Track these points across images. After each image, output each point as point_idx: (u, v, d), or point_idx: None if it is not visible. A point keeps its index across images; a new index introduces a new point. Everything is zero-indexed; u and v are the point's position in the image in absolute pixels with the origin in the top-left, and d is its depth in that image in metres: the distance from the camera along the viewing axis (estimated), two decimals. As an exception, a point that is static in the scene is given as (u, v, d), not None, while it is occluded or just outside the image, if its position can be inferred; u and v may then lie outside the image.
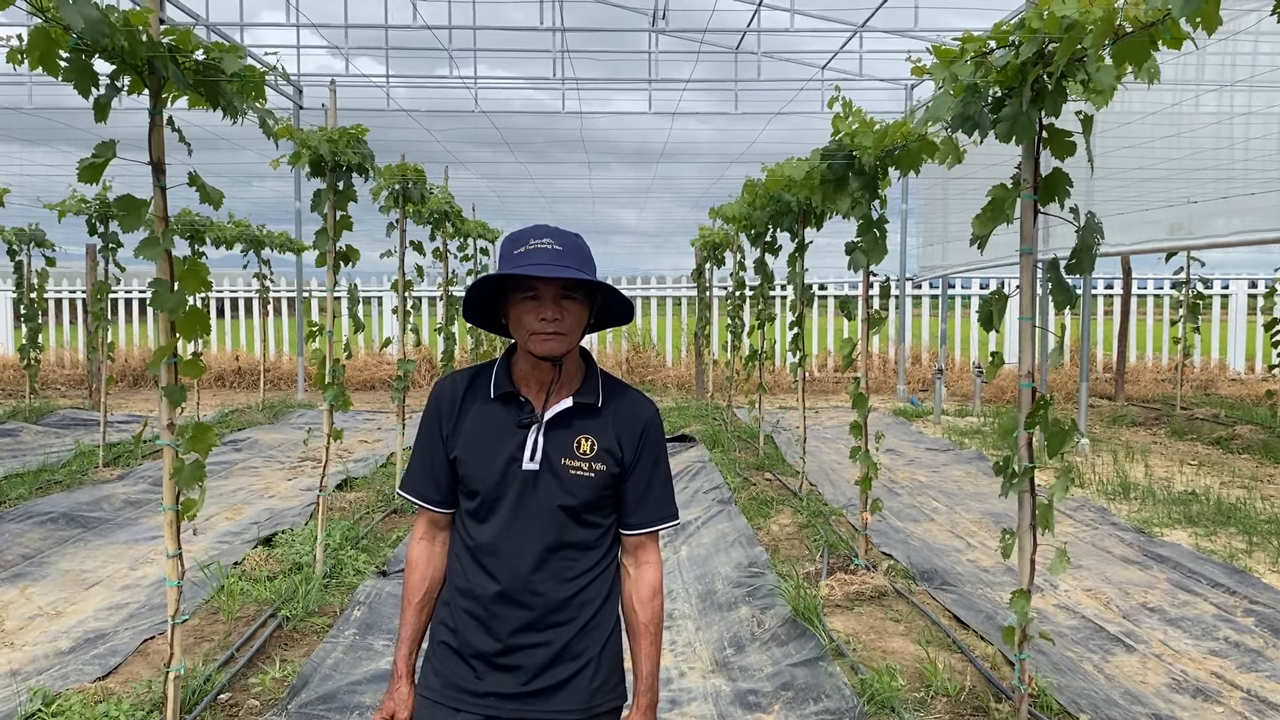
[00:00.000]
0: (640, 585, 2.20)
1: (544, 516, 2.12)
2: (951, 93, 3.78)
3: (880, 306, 5.68)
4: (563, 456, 2.13)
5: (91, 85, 3.03)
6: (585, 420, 2.16)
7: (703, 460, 9.19)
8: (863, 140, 5.17)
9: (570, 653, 2.13)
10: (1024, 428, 3.56)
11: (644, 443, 2.19)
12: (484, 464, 2.14)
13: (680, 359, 17.75)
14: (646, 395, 2.30)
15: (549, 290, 2.05)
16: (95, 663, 4.52)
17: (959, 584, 5.68)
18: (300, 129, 5.49)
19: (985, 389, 13.87)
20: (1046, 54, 3.31)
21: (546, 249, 2.05)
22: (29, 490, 7.97)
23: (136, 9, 3.11)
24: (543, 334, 2.06)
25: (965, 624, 4.97)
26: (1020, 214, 3.56)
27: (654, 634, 2.20)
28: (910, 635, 4.71)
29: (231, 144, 14.18)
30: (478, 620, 2.14)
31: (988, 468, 9.38)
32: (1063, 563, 3.51)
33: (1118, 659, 4.66)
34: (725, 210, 9.39)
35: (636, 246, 63.30)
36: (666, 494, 2.24)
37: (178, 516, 3.57)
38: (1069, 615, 5.27)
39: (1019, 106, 3.45)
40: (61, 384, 16.62)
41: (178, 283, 3.43)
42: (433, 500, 2.22)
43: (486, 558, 2.14)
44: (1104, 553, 6.46)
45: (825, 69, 14.13)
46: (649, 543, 2.23)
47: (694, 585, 5.83)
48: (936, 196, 14.14)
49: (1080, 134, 3.44)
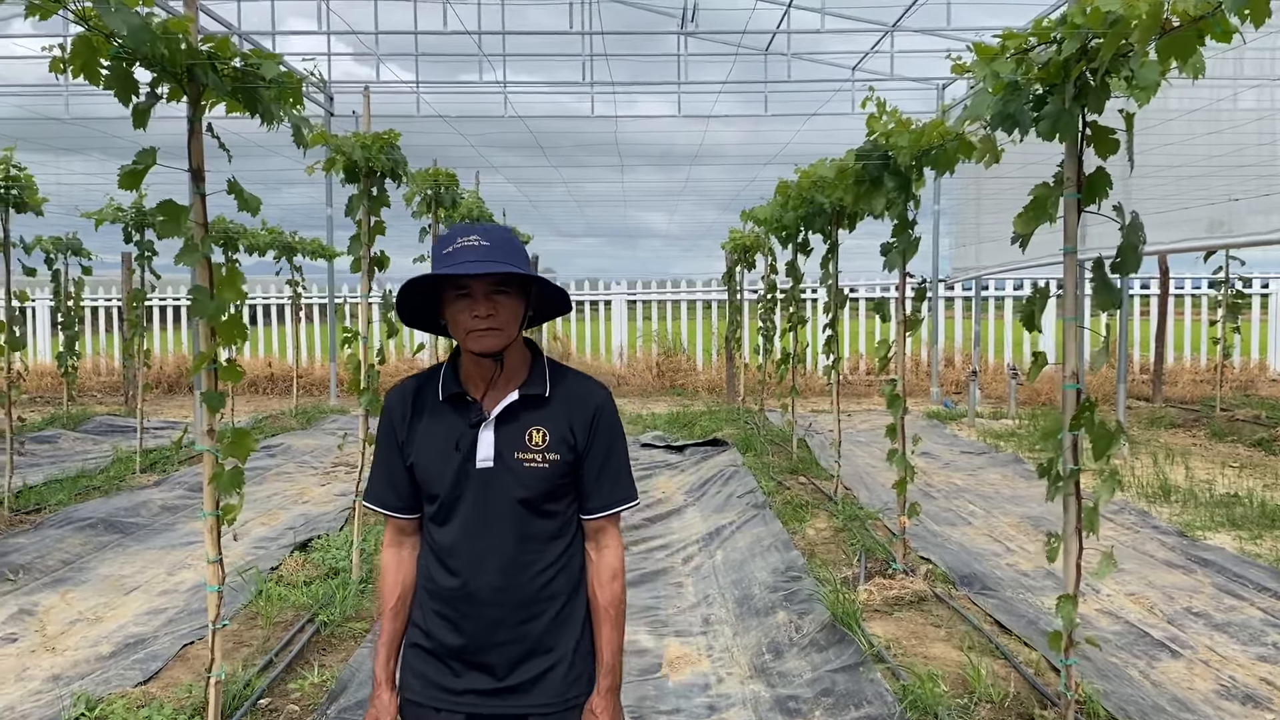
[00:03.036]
0: (600, 568, 2.22)
1: (503, 512, 2.13)
2: (991, 91, 3.74)
3: (915, 308, 5.62)
4: (515, 450, 2.13)
5: (132, 93, 3.05)
6: (535, 411, 2.17)
7: (735, 464, 9.14)
8: (898, 140, 5.13)
9: (543, 646, 2.16)
10: (1069, 430, 3.50)
11: (596, 427, 2.19)
12: (439, 467, 2.15)
13: (711, 363, 17.70)
14: (598, 380, 2.30)
15: (480, 287, 2.06)
16: (136, 667, 4.55)
17: (999, 589, 5.61)
18: (334, 135, 5.51)
19: (1020, 391, 13.72)
20: (1090, 50, 3.25)
21: (474, 246, 2.05)
22: (68, 496, 8.05)
23: (175, 17, 3.12)
24: (478, 331, 2.06)
25: (1007, 629, 4.90)
26: (1063, 213, 3.50)
27: (614, 617, 2.21)
28: (951, 641, 4.65)
29: (263, 150, 14.30)
30: (448, 620, 2.16)
31: (1024, 470, 9.27)
32: (1108, 566, 3.44)
33: (1164, 665, 4.58)
34: (756, 212, 9.35)
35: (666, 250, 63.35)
36: (623, 476, 2.25)
37: (218, 522, 3.58)
38: (1112, 620, 5.19)
39: (1061, 104, 3.40)
40: (98, 391, 16.81)
41: (217, 289, 3.44)
42: (394, 507, 2.25)
43: (451, 558, 2.15)
44: (1146, 556, 6.36)
45: (856, 69, 14.04)
46: (609, 526, 2.24)
47: (730, 590, 5.80)
48: (969, 197, 14.01)
49: (1124, 131, 3.38)
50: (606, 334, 18.53)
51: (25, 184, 7.25)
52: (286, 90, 3.62)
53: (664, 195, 25.30)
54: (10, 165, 7.11)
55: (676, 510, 8.04)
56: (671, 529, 7.46)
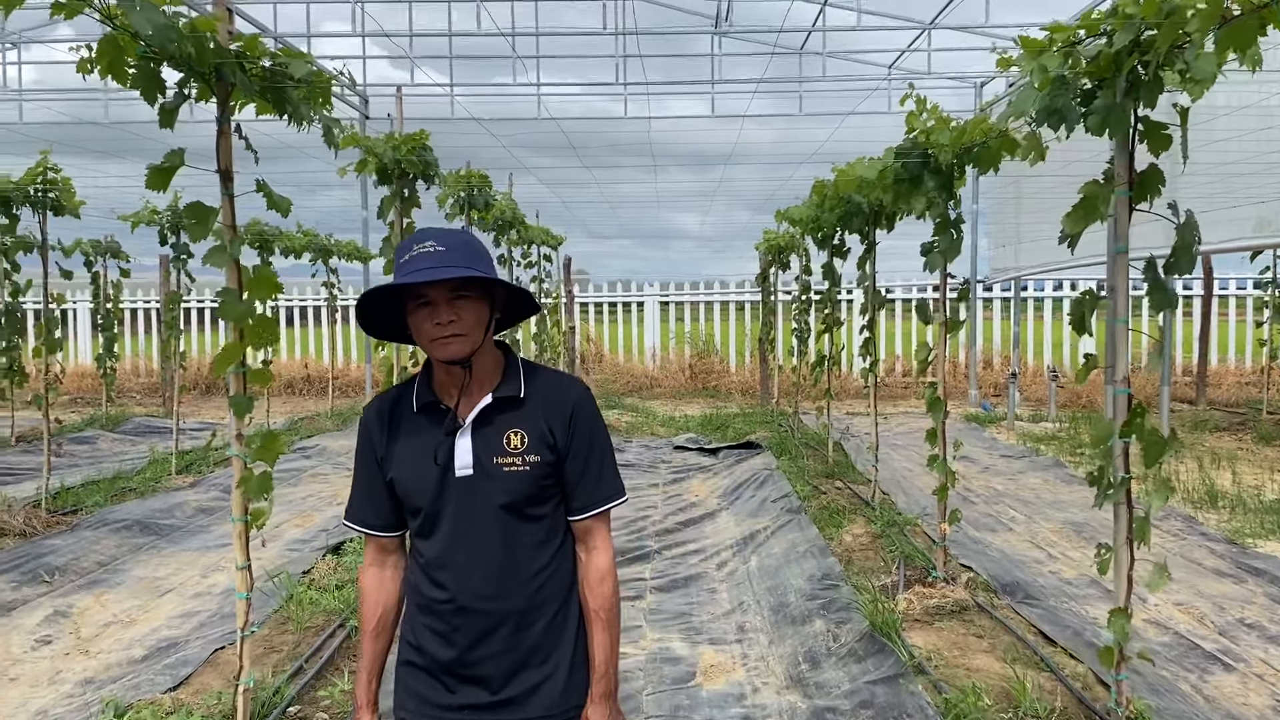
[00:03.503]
0: (589, 570, 2.16)
1: (487, 520, 2.07)
2: (1037, 86, 3.62)
3: (956, 310, 5.48)
4: (494, 455, 2.08)
5: (158, 92, 3.01)
6: (510, 414, 2.11)
7: (770, 468, 9.03)
8: (939, 138, 5.01)
9: (538, 656, 2.10)
10: (1119, 436, 3.38)
11: (575, 423, 2.13)
12: (419, 479, 2.10)
13: (744, 364, 17.58)
14: (574, 376, 2.24)
15: (439, 294, 2.00)
16: (167, 673, 4.52)
17: (1043, 597, 5.46)
18: (366, 136, 5.47)
19: (1060, 394, 13.49)
20: (1143, 42, 3.14)
21: (430, 252, 1.99)
22: (104, 498, 8.09)
23: (204, 16, 3.08)
24: (441, 338, 2.01)
25: (1052, 640, 4.76)
26: (1114, 211, 3.38)
27: (605, 620, 2.15)
28: (994, 652, 4.52)
29: (300, 153, 14.36)
30: (439, 635, 2.11)
31: (1065, 475, 9.09)
32: (1162, 579, 3.32)
33: (1216, 678, 4.43)
34: (791, 213, 9.23)
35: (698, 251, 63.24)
36: (607, 472, 2.18)
37: (246, 528, 3.54)
38: (1161, 631, 5.04)
39: (1112, 98, 3.28)
40: (137, 392, 16.97)
41: (247, 291, 3.40)
42: (375, 526, 2.19)
43: (438, 571, 2.10)
44: (1194, 564, 6.19)
45: (892, 68, 13.87)
46: (597, 526, 2.17)
47: (765, 597, 5.69)
48: (1008, 196, 13.81)
49: (1177, 126, 3.26)
50: (639, 335, 18.46)
51: (63, 187, 7.29)
52: (316, 90, 3.58)
53: (696, 196, 25.19)
54: (47, 169, 7.15)
55: (710, 514, 7.94)
56: (705, 533, 7.36)
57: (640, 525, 7.57)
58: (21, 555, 6.36)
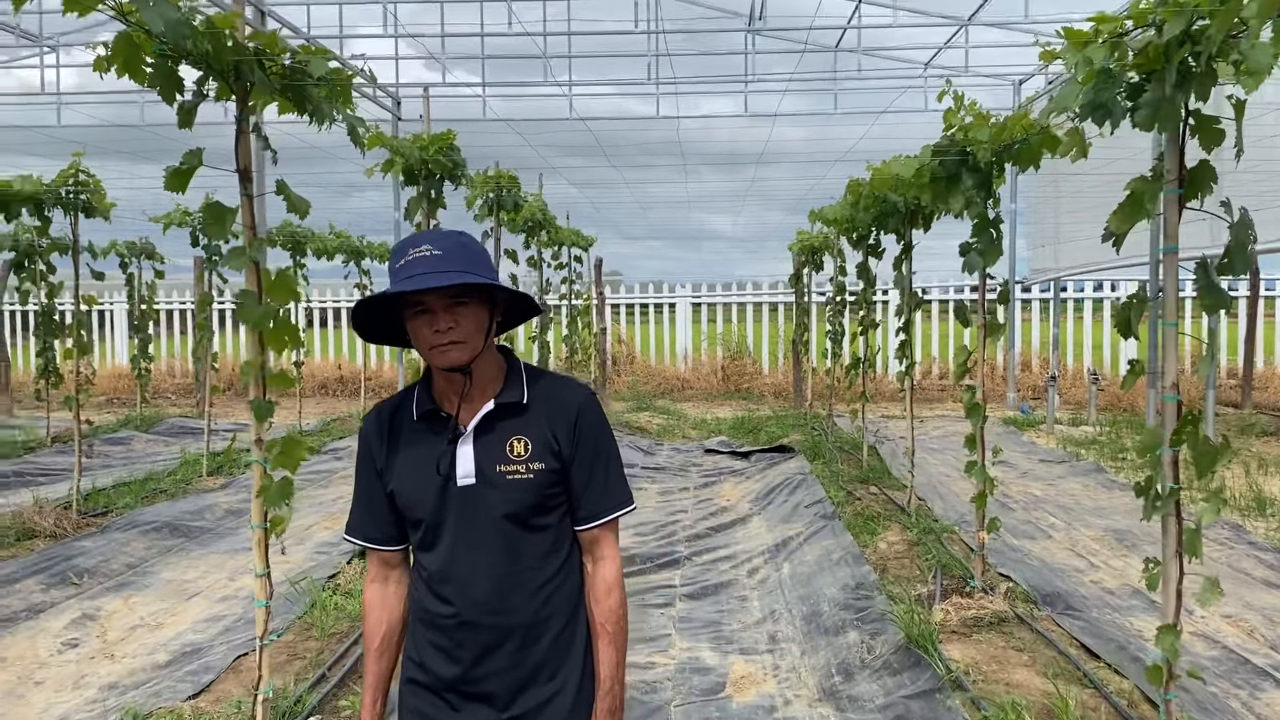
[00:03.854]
0: (596, 582, 2.09)
1: (490, 531, 1.99)
2: (1081, 79, 3.48)
3: (993, 311, 5.33)
4: (497, 464, 1.99)
5: (176, 91, 2.94)
6: (513, 420, 2.03)
7: (803, 472, 8.88)
8: (978, 135, 4.86)
9: (545, 672, 2.03)
10: (1169, 446, 3.23)
11: (580, 429, 2.04)
12: (420, 490, 2.02)
13: (777, 366, 17.41)
14: (578, 381, 2.15)
15: (437, 300, 1.92)
16: (189, 679, 4.47)
17: (1085, 609, 5.29)
18: (393, 137, 5.41)
19: (1100, 397, 13.22)
20: (1194, 32, 2.99)
21: (426, 257, 1.91)
22: (135, 499, 8.10)
23: (222, 13, 3.01)
24: (440, 346, 1.93)
25: (1095, 654, 4.59)
26: (1163, 210, 3.23)
27: (611, 633, 2.07)
28: (1035, 666, 4.36)
29: (331, 156, 14.40)
30: (442, 650, 2.03)
31: (1106, 480, 8.87)
32: (1213, 594, 3.16)
33: (1268, 695, 4.25)
34: (826, 212, 9.09)
35: (731, 252, 63.02)
36: (614, 480, 2.09)
37: (266, 534, 3.47)
38: (1209, 645, 4.86)
39: (1161, 91, 3.13)
40: (172, 393, 17.08)
41: (267, 294, 3.33)
42: (376, 540, 2.12)
43: (441, 585, 2.02)
44: (1242, 575, 5.98)
45: (928, 65, 13.67)
46: (604, 536, 2.09)
47: (798, 606, 5.56)
48: (1047, 196, 13.56)
49: (1230, 120, 3.11)
50: (671, 337, 18.34)
51: (94, 189, 7.30)
52: (337, 89, 3.50)
53: (729, 197, 25.04)
54: (79, 171, 7.17)
55: (741, 519, 7.81)
56: (736, 539, 7.24)
57: (670, 530, 7.46)
58: (52, 557, 6.37)
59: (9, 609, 5.54)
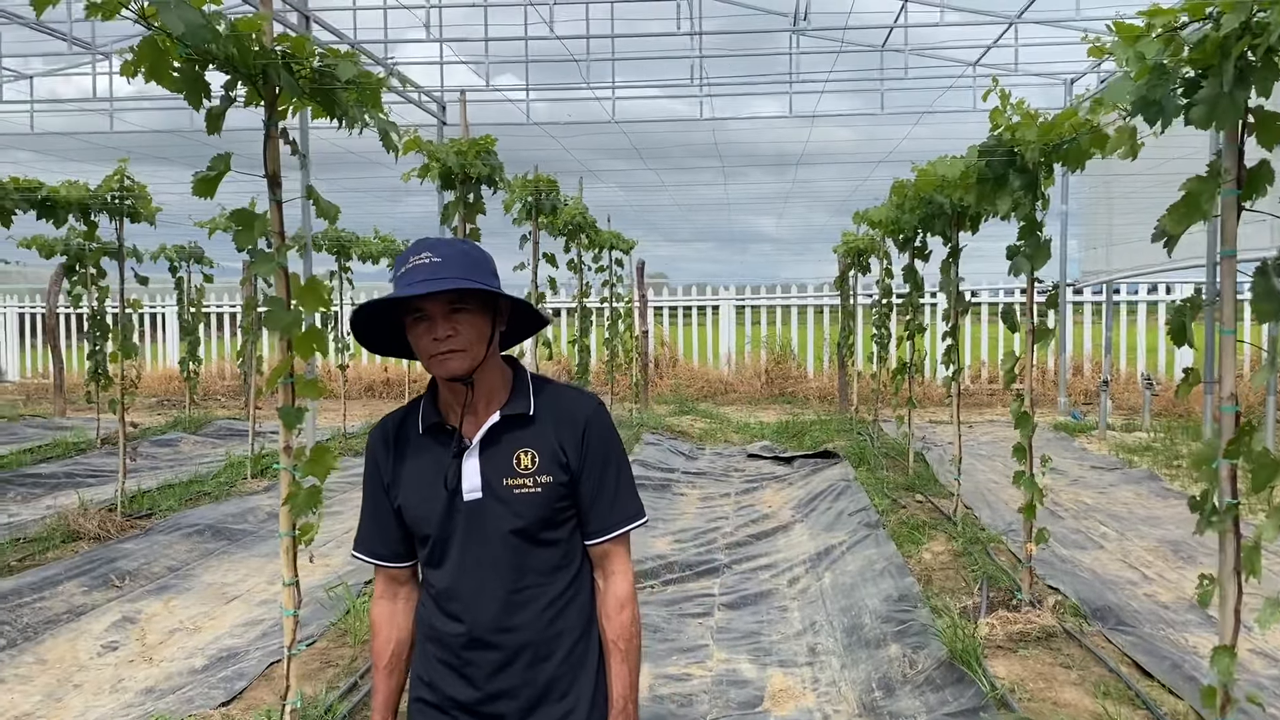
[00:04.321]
0: (607, 598, 2.03)
1: (497, 546, 1.93)
2: (1133, 75, 3.34)
3: (1043, 315, 5.16)
4: (503, 477, 1.94)
5: (203, 96, 2.91)
6: (520, 432, 1.97)
7: (847, 479, 8.74)
8: (1025, 134, 4.72)
9: (557, 691, 1.97)
10: (1224, 458, 3.08)
11: (588, 441, 1.98)
12: (426, 505, 1.97)
13: (822, 370, 17.22)
14: (587, 390, 2.09)
15: (436, 307, 1.87)
16: (222, 686, 4.47)
17: (1137, 624, 5.11)
18: (429, 141, 5.38)
19: (1154, 402, 12.89)
20: (1254, 24, 2.85)
21: (425, 264, 1.87)
22: (179, 501, 8.16)
23: (247, 16, 2.98)
24: (439, 354, 1.89)
25: (1147, 672, 4.42)
26: (1221, 211, 3.09)
27: (624, 650, 2.01)
28: (1084, 685, 4.21)
29: (383, 163, 14.47)
30: (452, 669, 1.97)
31: (1161, 488, 8.62)
32: (1274, 615, 3.00)
33: (1332, 719, 4.06)
34: (871, 214, 8.95)
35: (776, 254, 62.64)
36: (624, 493, 2.03)
37: (294, 543, 3.44)
38: (1268, 663, 4.66)
39: (1219, 87, 2.99)
40: (222, 395, 17.30)
41: (295, 300, 3.30)
42: (384, 556, 2.07)
43: (449, 602, 1.97)
44: (1305, 590, 5.75)
45: (977, 65, 13.43)
46: (615, 550, 2.03)
47: (839, 618, 5.44)
48: (1099, 197, 13.27)
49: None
50: (714, 340, 18.22)
51: (139, 194, 7.37)
52: (367, 92, 3.46)
53: (773, 198, 24.84)
54: (124, 177, 7.24)
55: (783, 527, 7.69)
56: (777, 547, 7.13)
57: (710, 537, 7.36)
58: (95, 559, 6.42)
59: (51, 611, 5.59)
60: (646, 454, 10.44)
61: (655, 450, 10.79)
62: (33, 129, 14.30)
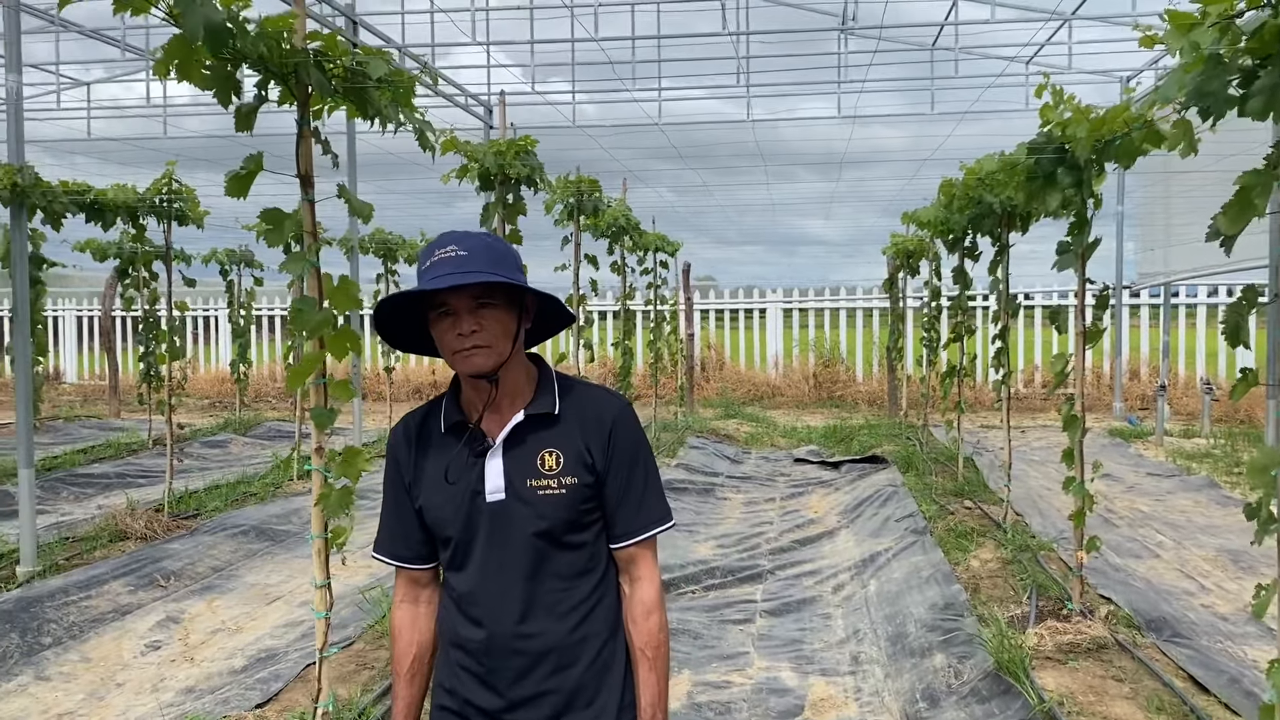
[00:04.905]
0: (633, 604, 1.96)
1: (520, 549, 1.88)
2: (1187, 66, 3.21)
3: (1097, 317, 5.01)
4: (527, 478, 1.88)
5: (232, 94, 2.90)
6: (545, 432, 1.91)
7: (895, 484, 8.59)
8: (1076, 130, 4.57)
9: (582, 699, 1.90)
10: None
11: (614, 442, 1.92)
12: (448, 506, 1.91)
13: (871, 374, 17.01)
14: (613, 390, 2.03)
15: (461, 302, 1.82)
16: (258, 687, 4.47)
17: (1193, 636, 4.93)
18: (466, 142, 5.36)
19: (1214, 408, 12.54)
20: (1315, 10, 2.72)
21: (450, 258, 1.82)
22: (224, 502, 8.24)
23: (276, 15, 2.97)
24: (463, 350, 1.83)
25: (1204, 687, 4.26)
26: (1277, 208, 2.95)
27: (651, 658, 1.94)
28: (1137, 699, 4.06)
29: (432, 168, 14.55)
30: (474, 675, 1.92)
31: (1220, 496, 8.37)
32: (1338, 630, 2.87)
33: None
34: (920, 215, 8.80)
35: (824, 256, 62.30)
36: (650, 495, 1.97)
37: (326, 545, 3.42)
38: (1333, 679, 4.47)
39: (1277, 77, 2.86)
40: (272, 396, 17.52)
41: (328, 299, 3.27)
42: (405, 558, 2.02)
43: (470, 606, 1.91)
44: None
45: (1029, 64, 13.18)
46: (641, 554, 1.96)
47: (883, 626, 5.33)
48: (1157, 196, 12.95)
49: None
50: (761, 343, 18.08)
51: (187, 198, 7.45)
52: (400, 91, 3.44)
53: (820, 200, 24.64)
54: (172, 180, 7.32)
55: (829, 532, 7.57)
56: (822, 553, 7.01)
57: (754, 542, 7.27)
58: (141, 559, 6.49)
59: (97, 610, 5.65)
60: (691, 458, 10.36)
61: (700, 454, 10.71)
62: (89, 134, 14.59)
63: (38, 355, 10.08)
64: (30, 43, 12.91)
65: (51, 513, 8.10)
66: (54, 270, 10.71)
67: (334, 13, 10.37)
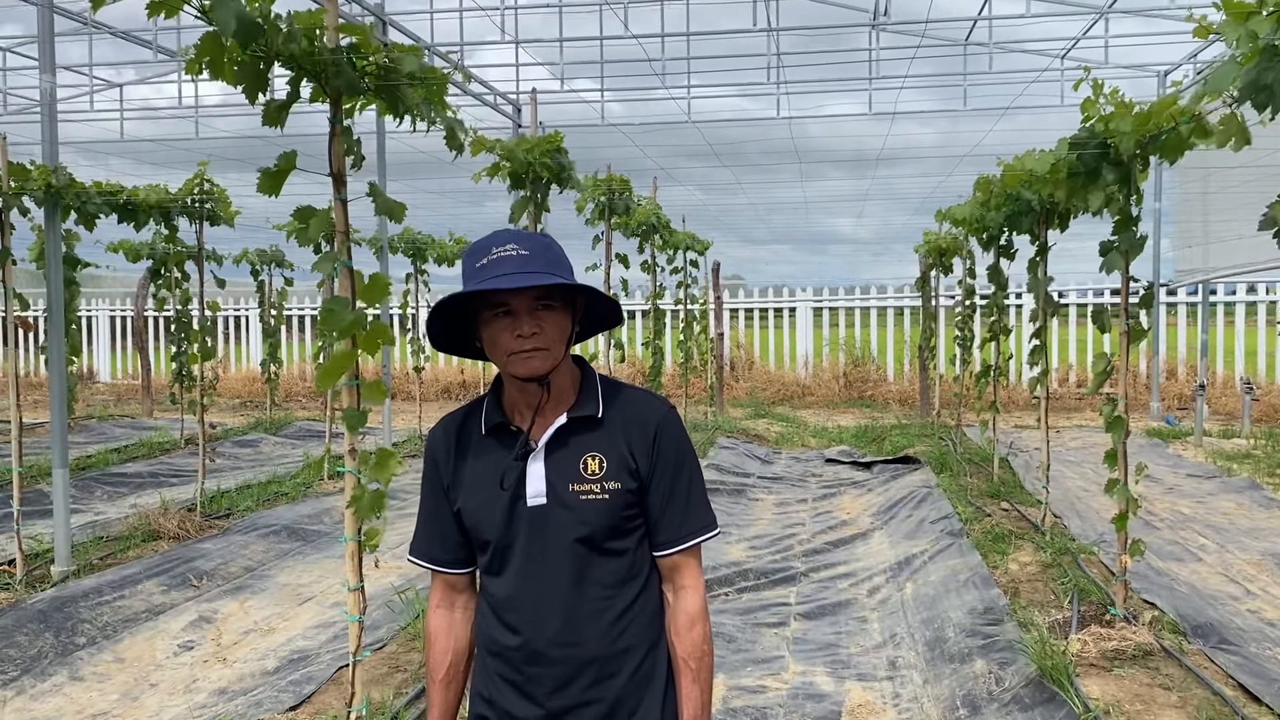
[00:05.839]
0: (677, 614, 1.92)
1: (561, 555, 1.82)
2: (1241, 59, 3.12)
3: (1136, 315, 4.89)
4: (570, 483, 1.83)
5: (261, 90, 2.87)
6: (588, 436, 1.86)
7: (929, 485, 8.48)
8: (1119, 125, 4.46)
9: (623, 710, 1.85)
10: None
11: (659, 447, 1.87)
12: (488, 510, 1.86)
13: (903, 374, 16.85)
14: (658, 394, 1.98)
15: (522, 302, 1.77)
16: (291, 690, 4.45)
17: (1241, 642, 4.81)
18: (499, 140, 5.32)
19: (1255, 407, 12.31)
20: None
21: (512, 256, 1.77)
22: (256, 502, 8.25)
23: (306, 11, 2.93)
24: (522, 352, 1.78)
25: (1255, 696, 4.14)
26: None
27: (695, 670, 1.88)
28: (1186, 708, 3.95)
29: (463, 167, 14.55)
30: (512, 685, 1.86)
31: (1264, 498, 8.20)
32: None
33: None
34: (954, 212, 8.67)
35: (855, 255, 61.94)
36: (695, 502, 1.91)
37: (359, 548, 3.38)
38: (1388, 688, 4.34)
39: (1340, 67, 2.76)
40: (303, 396, 17.59)
41: (360, 298, 3.24)
42: (442, 562, 1.98)
43: (509, 613, 1.86)
44: None
45: (1064, 59, 12.99)
46: (685, 563, 1.91)
47: (920, 630, 5.23)
48: (1194, 193, 12.72)
49: None
50: (791, 342, 17.96)
51: (218, 198, 7.46)
52: (432, 88, 3.39)
53: (851, 198, 24.46)
54: (204, 181, 7.34)
55: (862, 534, 7.48)
56: (856, 555, 6.92)
57: (787, 544, 7.19)
58: (173, 559, 6.50)
59: (130, 610, 5.66)
60: (721, 458, 10.28)
61: (730, 454, 10.63)
62: (122, 135, 14.70)
63: (72, 355, 10.16)
64: (63, 44, 13.02)
65: (86, 512, 8.15)
66: (88, 271, 10.79)
67: (363, 12, 10.38)
